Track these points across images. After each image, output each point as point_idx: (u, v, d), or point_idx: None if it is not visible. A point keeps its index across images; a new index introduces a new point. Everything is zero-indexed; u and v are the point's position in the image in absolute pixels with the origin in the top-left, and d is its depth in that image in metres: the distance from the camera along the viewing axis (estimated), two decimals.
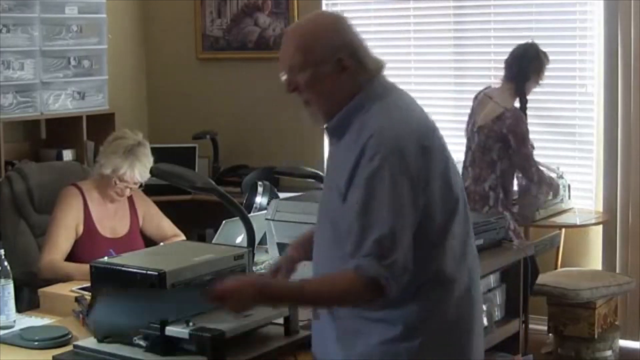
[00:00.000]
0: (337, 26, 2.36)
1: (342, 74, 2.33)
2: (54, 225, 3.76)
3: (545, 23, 5.40)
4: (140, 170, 3.77)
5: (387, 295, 2.22)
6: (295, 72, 2.33)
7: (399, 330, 2.31)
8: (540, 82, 4.83)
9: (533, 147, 5.15)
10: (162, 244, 3.79)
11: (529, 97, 4.91)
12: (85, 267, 3.09)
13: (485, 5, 5.60)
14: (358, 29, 2.38)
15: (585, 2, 5.31)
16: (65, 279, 3.51)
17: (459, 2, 5.63)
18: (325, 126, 2.41)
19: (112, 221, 3.88)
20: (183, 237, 4.00)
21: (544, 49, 4.91)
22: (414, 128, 2.30)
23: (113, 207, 3.90)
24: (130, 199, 3.95)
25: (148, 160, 3.80)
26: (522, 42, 4.98)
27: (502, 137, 4.67)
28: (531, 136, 4.98)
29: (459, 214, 2.37)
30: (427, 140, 2.29)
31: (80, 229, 3.80)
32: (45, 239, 3.78)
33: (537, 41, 5.05)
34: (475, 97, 4.92)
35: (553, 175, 5.19)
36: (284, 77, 2.37)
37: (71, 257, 3.74)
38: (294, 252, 2.63)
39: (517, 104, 4.77)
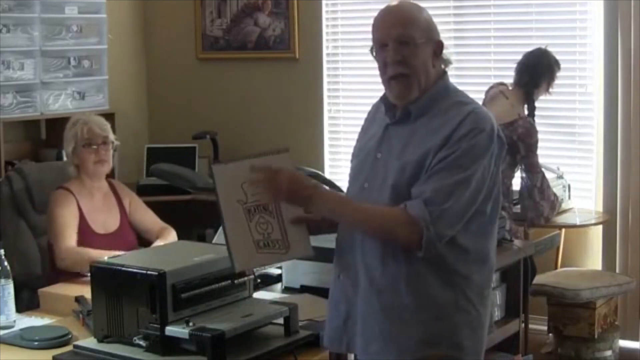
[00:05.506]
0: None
1: (435, 58, 2.49)
2: (56, 223, 3.75)
3: (545, 23, 5.40)
4: (96, 123, 3.86)
5: (422, 244, 2.31)
6: (412, 42, 2.44)
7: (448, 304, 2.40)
8: (551, 90, 4.86)
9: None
10: (161, 243, 3.78)
11: None
12: (106, 253, 3.28)
13: (485, 5, 5.60)
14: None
15: (585, 2, 5.30)
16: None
17: (459, 2, 5.62)
18: (398, 104, 2.49)
19: (102, 216, 3.87)
20: (170, 229, 3.98)
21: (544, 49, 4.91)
22: (493, 120, 2.45)
23: (100, 201, 3.90)
24: (114, 190, 3.96)
25: (99, 118, 3.91)
26: (526, 43, 5.02)
27: (511, 143, 4.62)
28: None
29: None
30: (500, 132, 2.45)
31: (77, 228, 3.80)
32: (54, 236, 3.74)
33: (536, 41, 5.06)
34: (487, 91, 4.93)
35: (553, 175, 5.18)
36: (394, 44, 2.44)
37: None
38: None
39: (525, 110, 4.80)
